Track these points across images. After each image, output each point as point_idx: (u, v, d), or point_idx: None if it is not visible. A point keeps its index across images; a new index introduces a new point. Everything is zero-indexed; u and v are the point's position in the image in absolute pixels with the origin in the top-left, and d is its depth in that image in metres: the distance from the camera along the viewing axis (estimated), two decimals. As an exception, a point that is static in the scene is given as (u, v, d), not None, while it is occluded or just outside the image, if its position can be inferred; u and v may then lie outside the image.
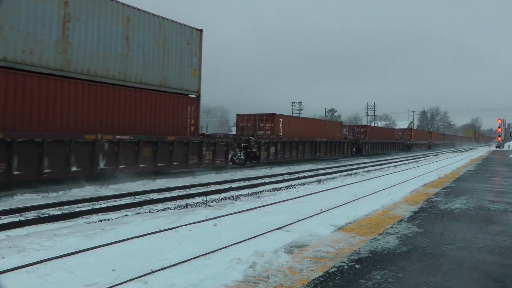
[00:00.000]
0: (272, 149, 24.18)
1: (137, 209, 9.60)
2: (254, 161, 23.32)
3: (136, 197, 11.31)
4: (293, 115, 67.23)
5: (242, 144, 21.55)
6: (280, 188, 13.88)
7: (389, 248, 4.80)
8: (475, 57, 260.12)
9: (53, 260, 5.53)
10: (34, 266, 5.29)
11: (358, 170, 22.12)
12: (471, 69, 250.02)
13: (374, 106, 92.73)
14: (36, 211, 9.03)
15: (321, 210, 9.57)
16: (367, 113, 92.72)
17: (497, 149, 63.71)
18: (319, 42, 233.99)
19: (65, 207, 9.59)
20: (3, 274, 4.98)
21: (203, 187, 13.79)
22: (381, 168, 24.22)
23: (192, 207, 10.09)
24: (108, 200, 10.63)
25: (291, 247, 4.71)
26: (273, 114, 25.88)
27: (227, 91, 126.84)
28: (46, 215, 8.54)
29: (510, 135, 76.75)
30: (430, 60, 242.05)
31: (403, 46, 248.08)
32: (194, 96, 17.48)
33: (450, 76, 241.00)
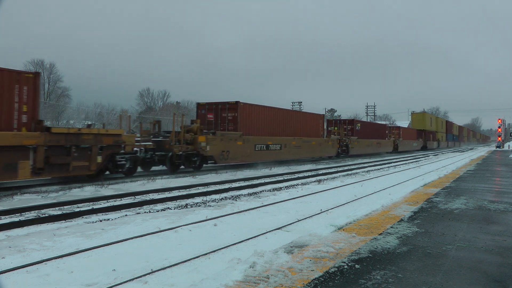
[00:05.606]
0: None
1: (137, 209, 9.60)
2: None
3: (136, 197, 11.31)
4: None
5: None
6: (280, 188, 13.88)
7: (389, 248, 4.80)
8: (466, 61, 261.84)
9: (53, 260, 5.53)
10: (34, 266, 5.29)
11: (358, 170, 22.12)
12: (463, 72, 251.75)
13: (374, 106, 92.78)
14: (36, 211, 9.04)
15: (321, 210, 9.57)
16: (367, 113, 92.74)
17: (497, 149, 63.64)
18: (319, 44, 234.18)
19: (65, 207, 9.60)
20: (3, 274, 4.98)
21: (203, 187, 13.79)
22: (381, 168, 24.21)
23: (192, 207, 10.09)
24: (108, 200, 10.63)
25: (291, 247, 4.71)
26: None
27: (228, 93, 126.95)
28: (46, 215, 8.54)
29: (510, 135, 76.73)
30: (427, 62, 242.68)
31: (402, 48, 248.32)
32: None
33: (447, 78, 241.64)
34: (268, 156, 23.88)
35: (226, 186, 14.13)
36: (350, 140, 35.57)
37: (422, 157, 39.11)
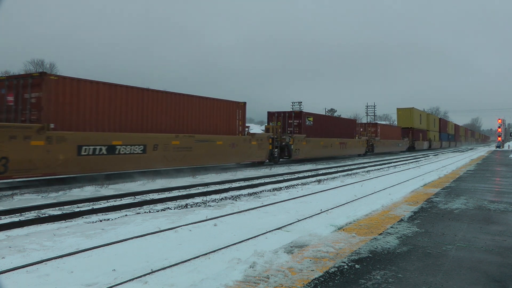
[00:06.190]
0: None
1: (137, 209, 9.60)
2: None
3: (136, 197, 11.31)
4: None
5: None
6: (280, 188, 13.88)
7: (389, 248, 4.80)
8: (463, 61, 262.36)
9: (53, 260, 5.53)
10: (34, 266, 5.29)
11: (358, 170, 22.12)
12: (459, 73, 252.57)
13: (374, 106, 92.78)
14: (36, 211, 9.04)
15: (321, 210, 9.57)
16: (367, 113, 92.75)
17: (497, 149, 63.65)
18: (319, 44, 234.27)
19: (65, 207, 9.60)
20: (3, 274, 4.98)
21: (203, 187, 13.79)
22: (381, 168, 24.21)
23: (192, 207, 10.09)
24: (108, 200, 10.64)
25: (291, 247, 4.71)
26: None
27: (228, 92, 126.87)
28: (46, 215, 8.54)
29: (510, 135, 76.73)
30: (427, 62, 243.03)
31: (402, 48, 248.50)
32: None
33: (447, 78, 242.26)
34: (114, 164, 14.57)
35: (226, 186, 14.13)
36: (294, 139, 26.42)
37: (422, 157, 39.11)
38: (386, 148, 45.35)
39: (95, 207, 9.56)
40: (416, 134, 56.40)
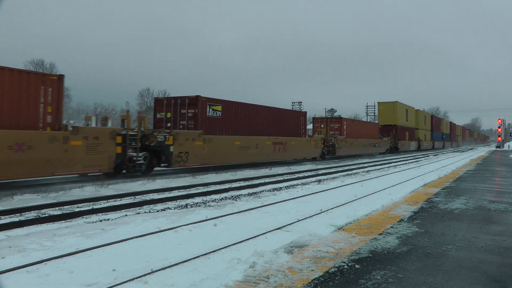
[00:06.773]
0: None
1: (137, 209, 9.60)
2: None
3: (136, 197, 11.31)
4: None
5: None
6: (280, 188, 13.88)
7: (389, 248, 4.80)
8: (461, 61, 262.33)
9: (53, 260, 5.53)
10: (34, 266, 5.29)
11: (358, 170, 22.13)
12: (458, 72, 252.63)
13: (374, 106, 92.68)
14: (36, 211, 9.04)
15: (321, 210, 9.57)
16: (367, 113, 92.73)
17: (497, 149, 63.69)
18: (319, 44, 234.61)
19: (65, 207, 9.60)
20: (3, 274, 4.98)
21: (203, 187, 13.79)
22: (381, 168, 24.22)
23: (192, 207, 10.09)
24: (108, 200, 10.63)
25: (291, 247, 4.71)
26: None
27: (228, 92, 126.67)
28: (46, 215, 8.54)
29: (510, 135, 76.77)
30: (427, 62, 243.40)
31: (402, 48, 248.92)
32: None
33: (447, 78, 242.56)
34: None
35: (226, 186, 14.13)
36: (176, 138, 16.82)
37: (422, 157, 39.11)
38: (354, 149, 35.57)
39: (95, 207, 9.56)
40: (400, 132, 48.05)
